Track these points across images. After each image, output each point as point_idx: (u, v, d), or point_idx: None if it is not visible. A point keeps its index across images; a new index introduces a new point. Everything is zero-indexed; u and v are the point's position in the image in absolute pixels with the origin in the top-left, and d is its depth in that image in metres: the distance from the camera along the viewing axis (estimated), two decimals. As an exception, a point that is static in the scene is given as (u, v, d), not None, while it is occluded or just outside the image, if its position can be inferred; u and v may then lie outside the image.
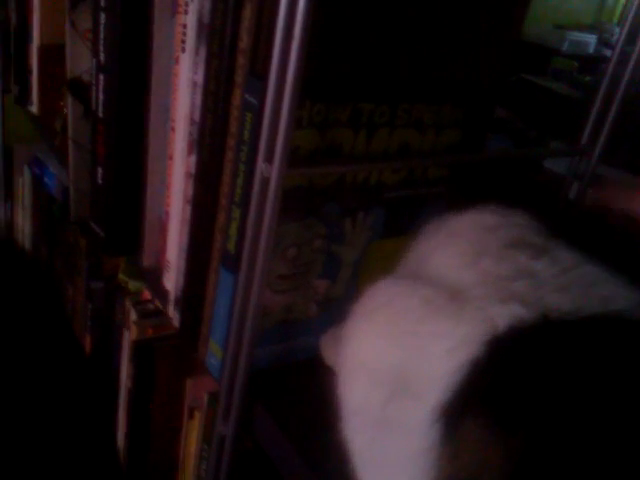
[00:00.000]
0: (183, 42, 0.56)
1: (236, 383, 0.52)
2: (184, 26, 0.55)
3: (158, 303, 0.88)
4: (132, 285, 0.98)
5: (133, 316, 0.86)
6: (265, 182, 0.45)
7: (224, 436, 0.56)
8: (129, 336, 0.87)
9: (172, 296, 0.65)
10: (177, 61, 0.58)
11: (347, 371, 0.43)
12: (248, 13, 0.46)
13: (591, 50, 2.16)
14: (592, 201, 0.74)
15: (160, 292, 0.69)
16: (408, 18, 0.52)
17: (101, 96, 0.64)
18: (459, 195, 0.63)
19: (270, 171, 0.45)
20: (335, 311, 0.60)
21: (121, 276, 1.01)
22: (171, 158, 0.64)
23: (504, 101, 1.28)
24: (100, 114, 0.65)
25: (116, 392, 0.97)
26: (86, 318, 1.13)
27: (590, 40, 2.14)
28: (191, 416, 0.76)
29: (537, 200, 0.69)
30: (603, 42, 2.17)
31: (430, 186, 0.60)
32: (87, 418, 1.06)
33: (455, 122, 0.58)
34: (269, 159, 0.45)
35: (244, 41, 0.46)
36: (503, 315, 0.36)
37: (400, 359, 0.38)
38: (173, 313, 0.64)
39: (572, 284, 0.37)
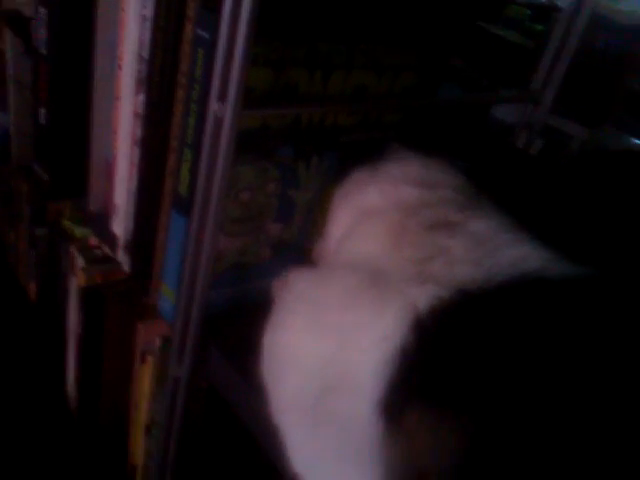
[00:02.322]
0: (129, -28, 0.53)
1: (190, 326, 0.52)
2: (130, -45, 0.52)
3: (106, 249, 0.86)
4: (78, 231, 0.95)
5: (80, 262, 0.84)
6: (218, 122, 0.44)
7: (178, 378, 0.56)
8: (76, 282, 0.85)
9: (121, 241, 0.63)
10: (123, -7, 0.55)
11: (275, 365, 0.42)
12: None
13: (544, -1, 2.16)
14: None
15: (108, 237, 0.67)
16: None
17: (43, 32, 0.60)
18: (409, 141, 0.64)
19: (223, 111, 0.43)
20: (289, 254, 0.60)
21: (66, 222, 0.98)
22: (118, 98, 0.61)
23: (457, 49, 1.28)
24: (42, 51, 0.61)
25: (64, 339, 0.96)
26: (30, 265, 1.10)
27: (543, -11, 2.14)
28: (143, 360, 0.76)
29: (484, 149, 0.71)
30: (556, -9, 2.18)
31: (384, 130, 0.60)
32: (34, 365, 1.05)
33: (411, 66, 0.57)
34: (222, 98, 0.43)
35: (195, -28, 0.44)
36: (422, 297, 0.36)
37: (329, 352, 0.38)
38: (123, 257, 0.63)
39: (484, 255, 0.38)
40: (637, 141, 1.16)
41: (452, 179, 0.46)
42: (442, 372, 0.34)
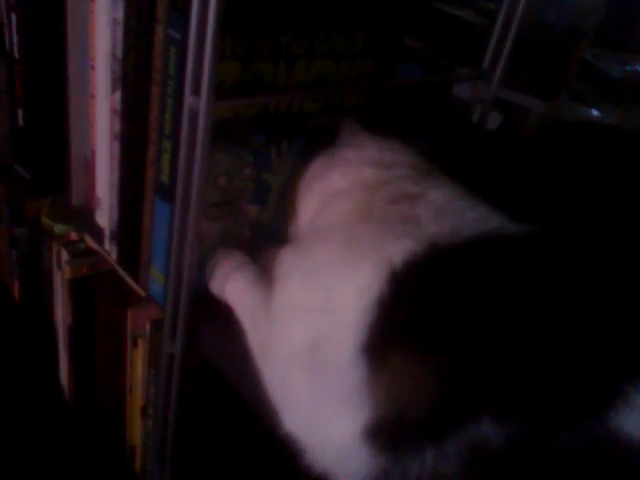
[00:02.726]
0: (98, -22, 0.56)
1: (180, 304, 0.56)
2: (98, -39, 0.56)
3: (89, 242, 0.89)
4: (57, 228, 0.97)
5: (65, 256, 0.87)
6: (194, 114, 0.48)
7: (172, 354, 0.60)
8: (62, 276, 0.89)
9: (107, 231, 0.67)
10: (92, -3, 0.58)
11: (278, 321, 0.47)
12: (165, -52, 0.47)
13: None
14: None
15: (93, 229, 0.71)
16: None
17: (15, 36, 0.63)
18: (374, 121, 0.68)
19: (198, 103, 0.48)
20: (267, 234, 0.65)
21: (45, 220, 1.00)
22: (93, 96, 0.64)
23: (414, 30, 1.32)
24: (16, 55, 0.64)
25: (53, 333, 0.99)
26: (12, 265, 1.12)
27: (495, -34, 2.18)
28: (135, 344, 0.80)
29: (441, 126, 0.75)
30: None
31: (347, 114, 0.64)
32: (25, 363, 1.07)
33: (368, 52, 0.62)
34: (196, 92, 0.47)
35: (163, -23, 0.48)
36: (397, 252, 0.40)
37: (319, 308, 0.43)
38: (110, 247, 0.67)
39: (447, 217, 0.43)
40: (593, 110, 1.20)
41: (406, 158, 0.51)
42: (420, 318, 0.38)
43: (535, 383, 0.34)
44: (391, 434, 0.38)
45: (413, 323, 0.38)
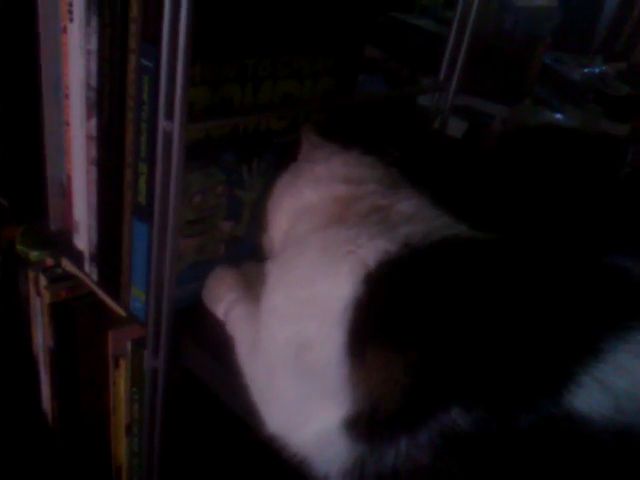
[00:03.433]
0: (70, 12, 0.59)
1: (162, 318, 0.59)
2: (68, -4, 0.58)
3: (67, 266, 0.91)
4: (32, 255, 0.98)
5: (44, 282, 0.89)
6: (168, 137, 0.51)
7: (156, 369, 0.62)
8: (42, 301, 0.90)
9: (86, 254, 0.69)
10: (65, 30, 0.61)
11: (265, 329, 0.50)
12: (134, -16, 0.50)
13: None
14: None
15: (72, 253, 0.73)
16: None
17: (-12, 69, 0.65)
18: (338, 135, 0.71)
19: (172, 127, 0.50)
20: (241, 249, 0.67)
21: (19, 247, 1.01)
22: (68, 124, 0.67)
23: (376, 41, 1.35)
24: (-11, 87, 0.66)
25: (33, 358, 1.00)
26: (-13, 294, 1.12)
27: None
28: (117, 365, 0.82)
29: (408, 133, 0.79)
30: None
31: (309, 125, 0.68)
32: (4, 389, 1.07)
33: (329, 70, 0.65)
34: (169, 116, 0.50)
35: (134, 11, 0.50)
36: (371, 254, 0.44)
37: (302, 315, 0.46)
38: (90, 269, 0.69)
39: (417, 222, 0.47)
40: (557, 114, 1.24)
41: (373, 172, 0.54)
42: (392, 315, 0.41)
43: (496, 371, 0.37)
44: (367, 426, 0.41)
45: (385, 320, 0.41)
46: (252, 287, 0.59)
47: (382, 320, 0.42)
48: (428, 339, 0.40)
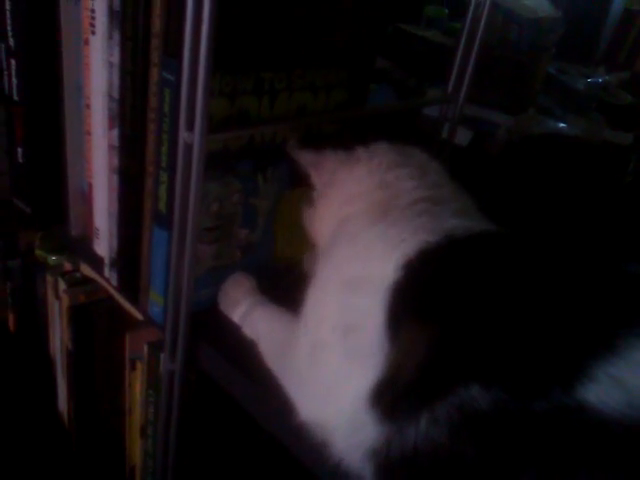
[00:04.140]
0: (92, 25, 0.61)
1: (180, 322, 0.61)
2: (92, 10, 0.61)
3: (85, 271, 0.93)
4: (51, 260, 1.01)
5: (63, 286, 0.91)
6: (188, 148, 0.53)
7: (173, 371, 0.64)
8: (61, 305, 0.92)
9: (107, 259, 0.71)
10: (87, 42, 0.63)
11: (314, 313, 0.53)
12: (157, 1, 0.52)
13: (458, -5, 2.27)
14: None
15: (92, 258, 0.75)
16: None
17: (14, 80, 0.68)
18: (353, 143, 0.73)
19: (192, 138, 0.52)
20: (255, 254, 0.70)
21: (38, 252, 1.04)
22: (89, 133, 0.69)
23: (384, 51, 1.37)
24: (15, 97, 0.69)
25: (50, 361, 1.02)
26: (6, 297, 1.14)
27: (456, -16, 2.25)
28: (133, 367, 0.84)
29: (417, 141, 0.81)
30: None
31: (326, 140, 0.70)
32: (21, 390, 1.09)
33: (341, 83, 0.67)
34: (190, 128, 0.52)
35: (157, 26, 0.53)
36: (412, 246, 0.47)
37: (350, 301, 0.49)
38: (110, 274, 0.71)
39: (462, 216, 0.50)
40: (560, 123, 1.26)
41: (427, 162, 0.58)
42: (425, 293, 0.45)
43: (515, 356, 0.40)
44: (390, 397, 0.43)
45: (418, 298, 0.45)
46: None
47: (415, 298, 0.45)
48: (456, 317, 0.42)
